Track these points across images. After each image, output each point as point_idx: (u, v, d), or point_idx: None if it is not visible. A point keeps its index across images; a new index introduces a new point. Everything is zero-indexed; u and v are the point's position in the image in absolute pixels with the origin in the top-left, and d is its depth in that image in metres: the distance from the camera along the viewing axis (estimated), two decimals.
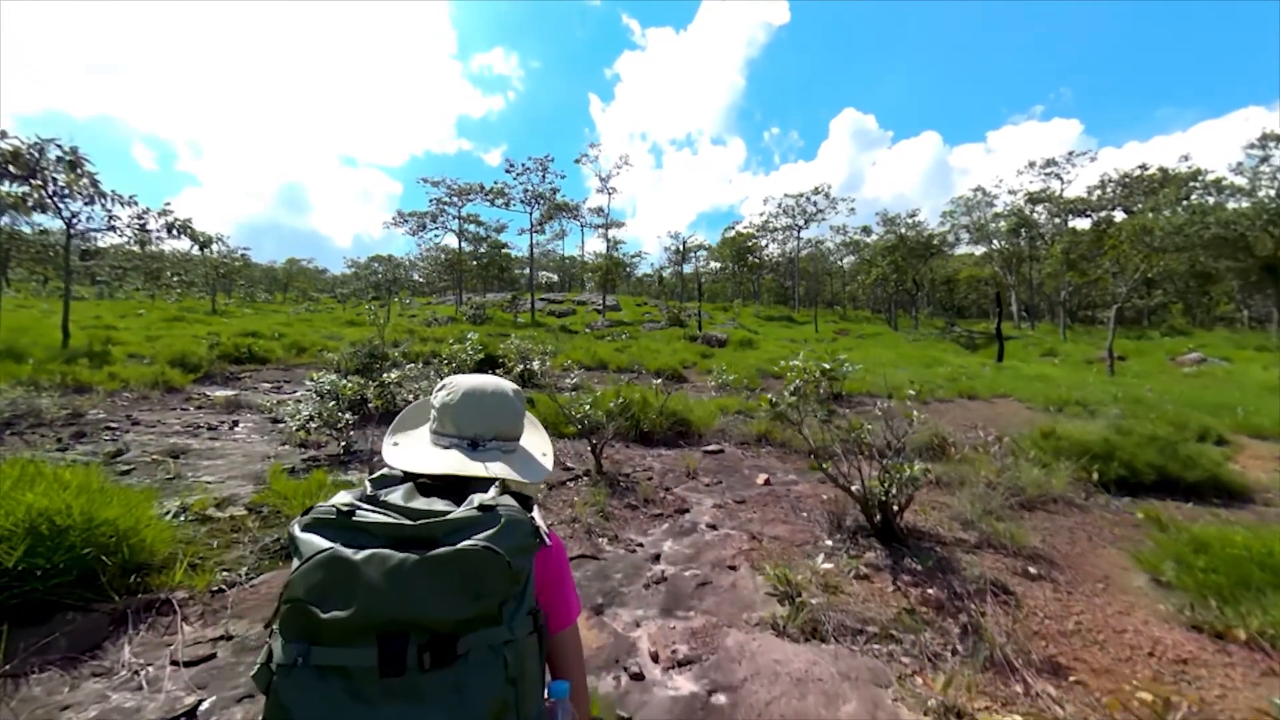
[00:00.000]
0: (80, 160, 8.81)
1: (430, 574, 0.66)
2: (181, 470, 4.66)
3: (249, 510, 3.70)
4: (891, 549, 3.43)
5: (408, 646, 0.64)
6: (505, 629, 0.70)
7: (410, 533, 0.71)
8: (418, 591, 0.65)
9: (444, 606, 0.66)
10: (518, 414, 1.01)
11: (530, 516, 0.78)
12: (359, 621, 0.64)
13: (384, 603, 0.64)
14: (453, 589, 0.67)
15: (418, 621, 0.65)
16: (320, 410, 5.33)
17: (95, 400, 7.27)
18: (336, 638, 0.64)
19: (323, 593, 0.65)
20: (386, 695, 0.63)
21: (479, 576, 0.68)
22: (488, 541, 0.70)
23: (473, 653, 0.67)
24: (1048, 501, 4.61)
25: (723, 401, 8.30)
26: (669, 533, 3.83)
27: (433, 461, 0.91)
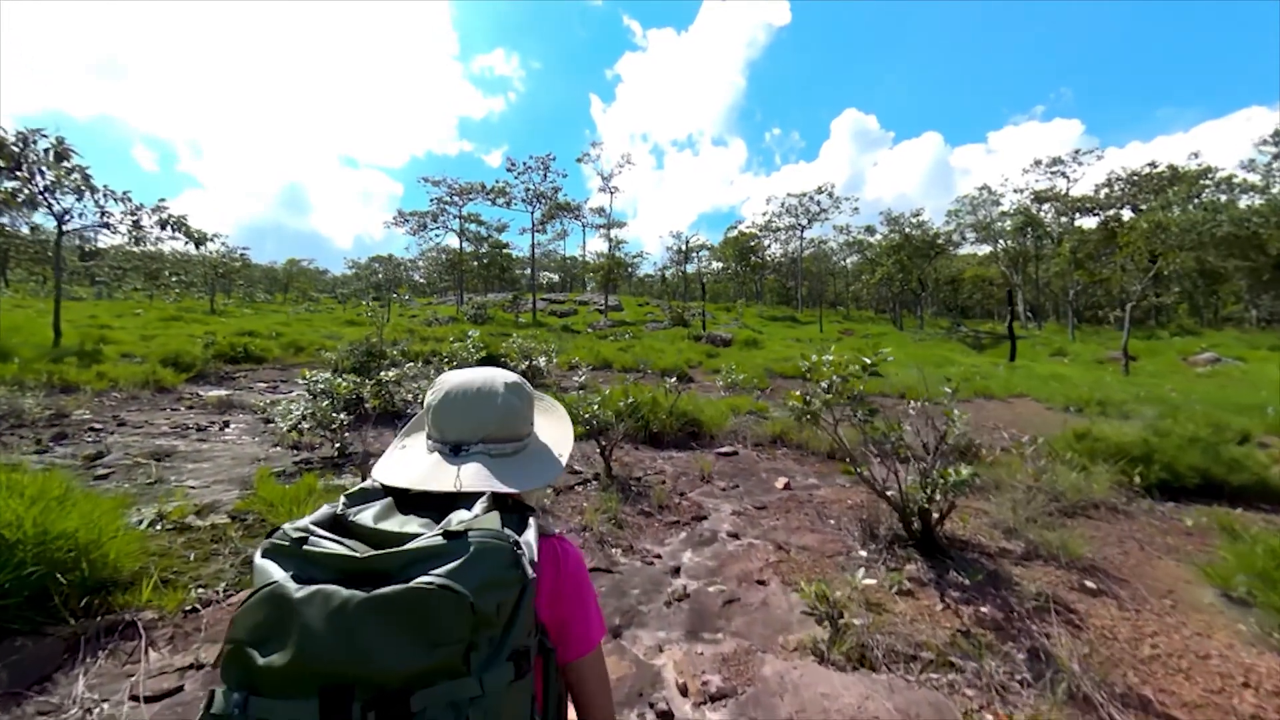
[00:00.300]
0: (67, 151, 8.53)
1: (376, 617, 0.56)
2: (164, 474, 4.37)
3: (231, 518, 3.41)
4: (933, 561, 3.13)
5: (352, 703, 0.54)
6: (472, 682, 0.58)
7: (359, 566, 0.61)
8: (360, 638, 0.55)
9: (392, 657, 0.55)
10: (513, 411, 0.86)
11: (512, 542, 0.65)
12: (296, 671, 0.54)
13: (322, 651, 0.54)
14: (403, 636, 0.56)
15: (360, 674, 0.55)
16: (313, 410, 5.05)
17: (82, 400, 6.99)
18: (275, 689, 0.55)
19: (262, 635, 0.57)
20: None
21: (434, 621, 0.57)
22: (447, 578, 0.58)
23: (429, 711, 0.55)
24: (1088, 507, 4.31)
25: (733, 401, 8.01)
26: (688, 542, 3.53)
27: (398, 473, 0.80)
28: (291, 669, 0.55)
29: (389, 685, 0.55)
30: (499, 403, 0.84)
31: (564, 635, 0.77)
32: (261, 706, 0.54)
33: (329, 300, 47.42)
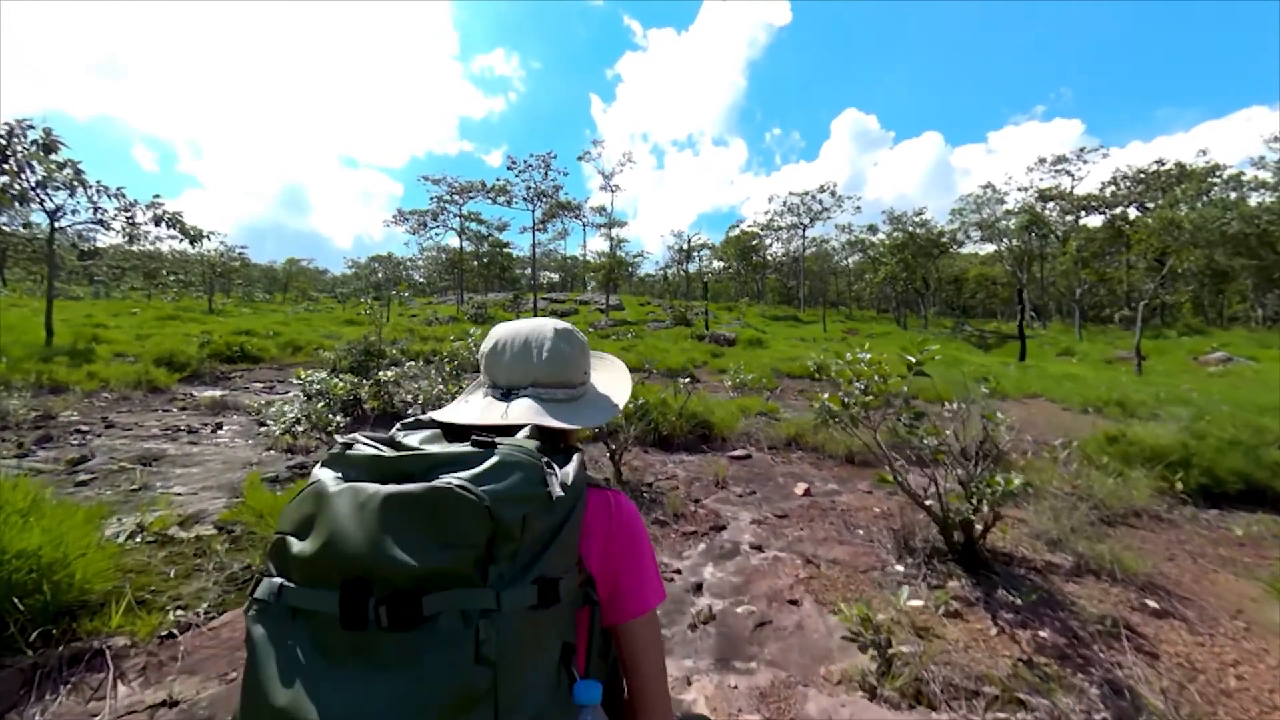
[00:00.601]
0: (55, 143, 8.28)
1: (394, 512, 0.56)
2: (150, 480, 4.13)
3: (218, 529, 3.17)
4: (978, 577, 2.89)
5: (370, 596, 0.54)
6: (488, 594, 0.55)
7: (387, 465, 0.62)
8: (377, 531, 0.55)
9: (403, 553, 0.54)
10: (561, 356, 0.86)
11: (543, 462, 0.64)
12: (321, 561, 0.56)
13: (342, 542, 0.55)
14: (417, 533, 0.55)
15: (375, 568, 0.54)
16: (308, 412, 4.80)
17: (70, 401, 6.75)
18: (304, 577, 0.57)
19: (301, 527, 0.60)
20: (349, 651, 0.54)
21: (448, 521, 0.56)
22: (466, 480, 0.58)
23: (442, 618, 0.54)
24: (1128, 515, 4.07)
25: (743, 402, 7.77)
26: (708, 555, 3.29)
27: (450, 413, 0.82)
28: (317, 559, 0.56)
29: (400, 582, 0.54)
30: (547, 347, 0.84)
31: (616, 593, 0.73)
32: (294, 595, 0.56)
33: (328, 300, 47.18)
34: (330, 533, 0.56)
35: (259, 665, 0.55)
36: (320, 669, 0.54)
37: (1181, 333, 26.15)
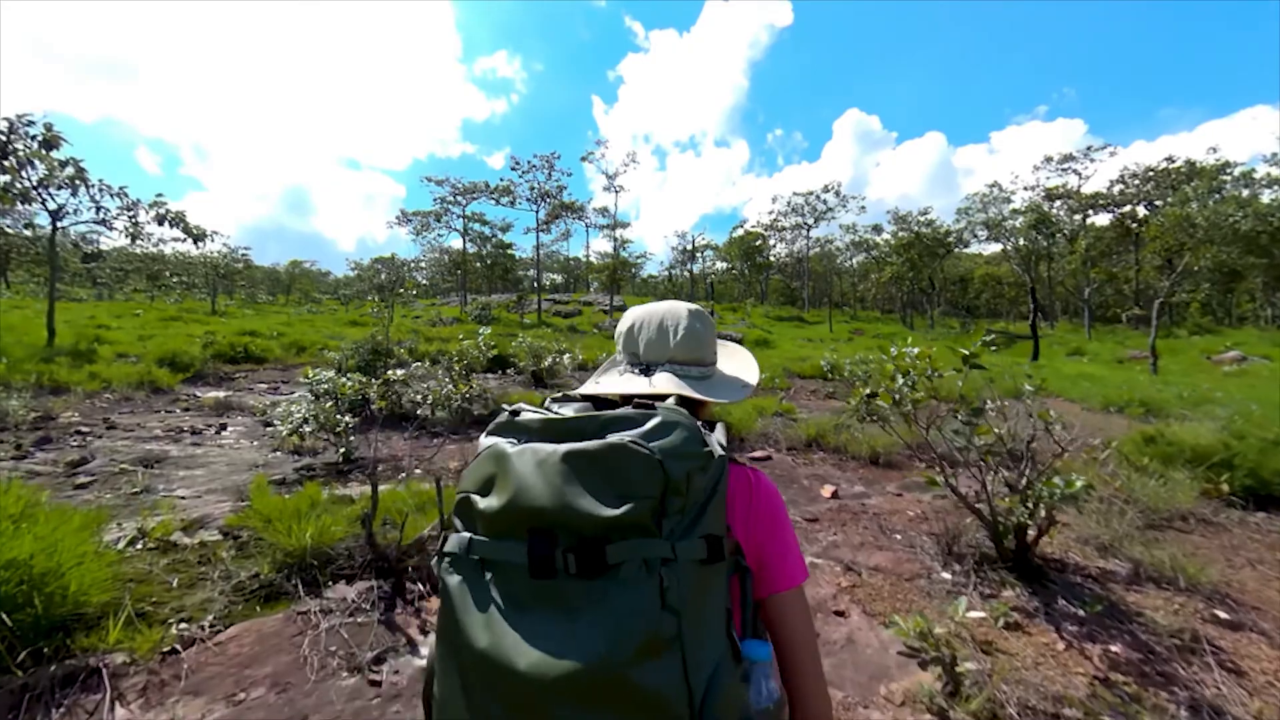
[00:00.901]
0: (57, 139, 8.15)
1: (574, 467, 0.60)
2: (152, 482, 3.97)
3: (223, 535, 3.00)
4: (1033, 585, 2.71)
5: (556, 546, 0.58)
6: (664, 544, 0.57)
7: (561, 427, 0.67)
8: (560, 485, 0.59)
9: (587, 504, 0.58)
10: (695, 335, 0.88)
11: (697, 424, 0.66)
12: (509, 514, 0.61)
13: (527, 496, 0.60)
14: (596, 486, 0.59)
15: (560, 519, 0.58)
16: (316, 412, 4.64)
17: (71, 402, 6.61)
18: (491, 530, 0.62)
19: (484, 485, 0.65)
20: (538, 599, 0.58)
21: (624, 474, 0.59)
22: (636, 438, 0.61)
23: (625, 567, 0.56)
24: (1174, 519, 3.88)
25: (758, 402, 7.59)
26: None
27: (594, 386, 0.88)
28: (504, 513, 0.60)
29: (585, 531, 0.57)
30: (683, 326, 0.87)
31: (762, 565, 0.74)
32: (483, 547, 0.61)
33: (332, 302, 47.13)
34: (515, 488, 0.60)
35: (456, 612, 0.60)
36: (513, 615, 0.57)
37: (1192, 331, 25.87)
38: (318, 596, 2.49)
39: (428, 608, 2.49)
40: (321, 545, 2.68)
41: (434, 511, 3.07)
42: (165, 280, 30.76)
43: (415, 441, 5.60)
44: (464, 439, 5.81)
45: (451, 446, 5.37)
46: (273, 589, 2.51)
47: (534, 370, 9.80)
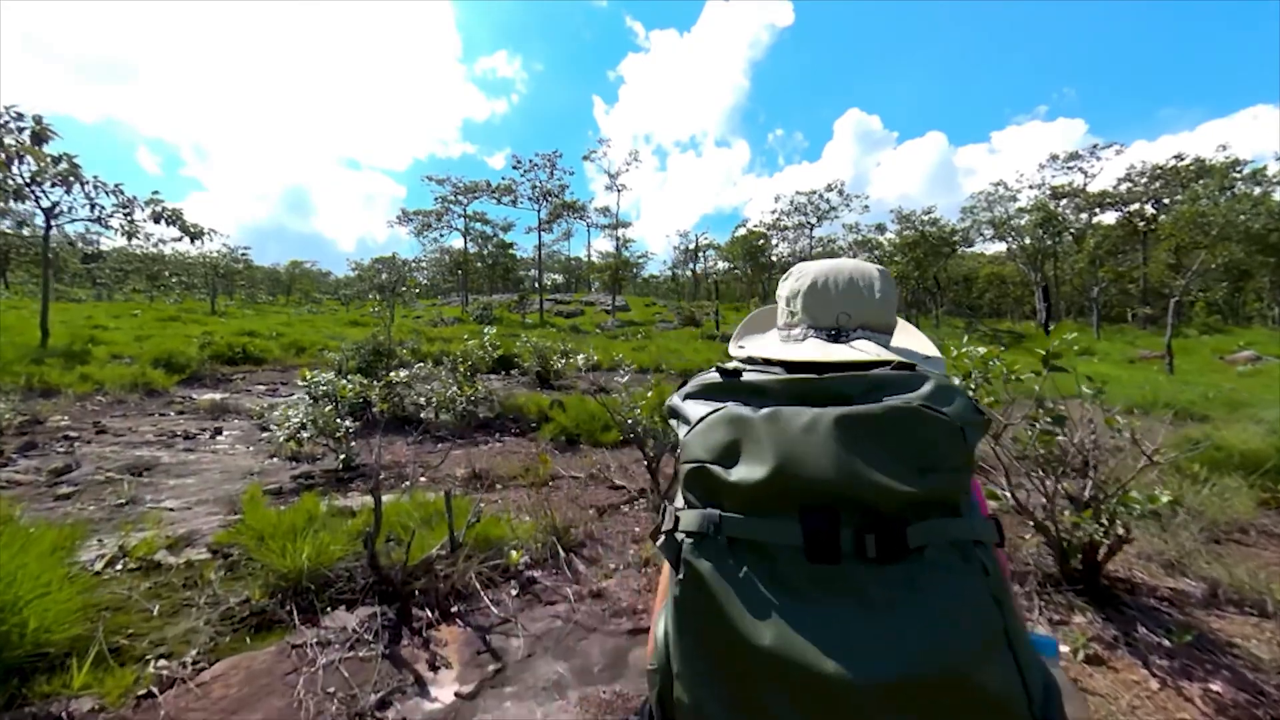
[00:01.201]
0: (46, 131, 7.90)
1: (855, 434, 0.51)
2: (139, 492, 3.72)
3: (212, 553, 2.75)
4: (1106, 610, 2.45)
5: (839, 526, 0.50)
6: (966, 524, 0.50)
7: (813, 388, 0.58)
8: (843, 454, 0.50)
9: (881, 477, 0.49)
10: (887, 298, 0.78)
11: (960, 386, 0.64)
12: (776, 487, 0.52)
13: (802, 465, 0.51)
14: (887, 456, 0.51)
15: (847, 493, 0.50)
16: (315, 416, 4.39)
17: (62, 405, 6.36)
18: (750, 505, 0.53)
19: (727, 453, 0.56)
20: (820, 588, 0.49)
21: (925, 443, 0.51)
22: (927, 400, 0.54)
23: (930, 550, 0.49)
24: (1233, 531, 3.62)
25: None
26: None
27: (781, 350, 0.76)
28: (768, 485, 0.52)
29: (882, 508, 0.50)
30: (877, 286, 0.77)
31: None
32: (738, 525, 0.53)
33: (332, 302, 46.89)
34: (781, 457, 0.52)
35: (716, 601, 0.51)
36: (795, 607, 0.49)
37: (1202, 331, 25.59)
38: (314, 625, 2.24)
39: (436, 638, 2.24)
40: (319, 567, 2.43)
41: (442, 527, 2.82)
42: (164, 280, 30.53)
43: (419, 447, 5.35)
44: (469, 443, 5.56)
45: (458, 452, 5.12)
46: (264, 617, 2.26)
47: (539, 371, 9.55)
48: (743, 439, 0.55)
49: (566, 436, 5.74)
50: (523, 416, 6.42)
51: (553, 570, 2.80)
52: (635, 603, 2.53)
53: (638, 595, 2.61)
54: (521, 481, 4.36)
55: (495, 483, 4.32)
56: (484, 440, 5.75)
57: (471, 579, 2.55)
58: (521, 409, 6.51)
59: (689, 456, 0.58)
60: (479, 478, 4.35)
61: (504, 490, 4.19)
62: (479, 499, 3.71)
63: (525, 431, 6.10)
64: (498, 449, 5.45)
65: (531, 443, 5.76)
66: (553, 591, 2.62)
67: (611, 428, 5.78)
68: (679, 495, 0.61)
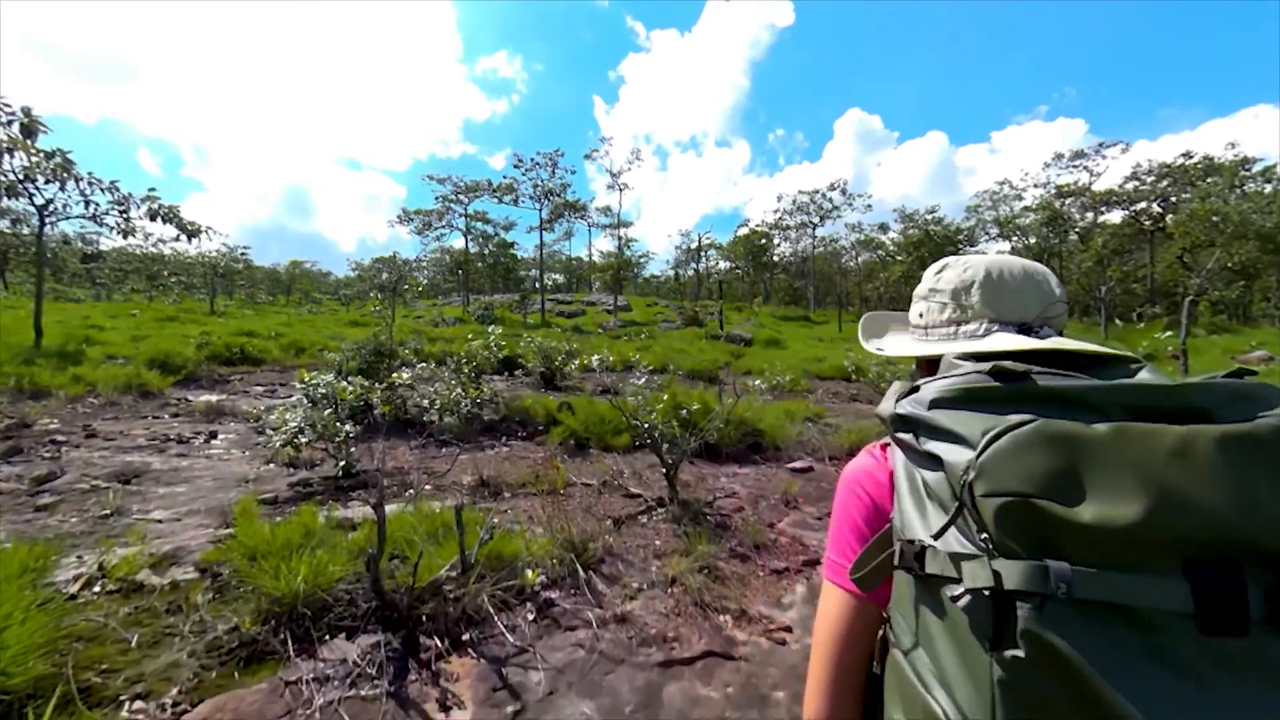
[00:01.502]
0: (35, 124, 7.68)
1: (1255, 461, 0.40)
2: (126, 502, 3.49)
3: (200, 572, 2.53)
4: None
5: (1244, 584, 0.38)
6: None
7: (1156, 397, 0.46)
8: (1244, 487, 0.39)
9: None
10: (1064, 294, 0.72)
11: None
12: (1149, 532, 0.39)
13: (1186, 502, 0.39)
14: None
15: (1254, 541, 0.38)
16: (313, 420, 4.16)
17: (52, 407, 6.14)
18: (1105, 556, 0.41)
19: (1060, 484, 0.42)
20: (1223, 668, 0.38)
21: None
22: None
23: None
24: None
25: (787, 406, 7.11)
26: (813, 601, 2.63)
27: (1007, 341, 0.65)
28: (1143, 530, 0.39)
29: None
30: (1054, 280, 0.72)
31: None
32: (1096, 581, 0.40)
33: (332, 302, 46.68)
34: (1157, 490, 0.40)
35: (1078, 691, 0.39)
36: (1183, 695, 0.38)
37: (1210, 330, 25.33)
38: (311, 657, 2.02)
39: (446, 671, 2.01)
40: (316, 589, 2.20)
41: (450, 543, 2.59)
42: (163, 280, 30.33)
43: (422, 451, 5.13)
44: (475, 448, 5.34)
45: (463, 458, 4.90)
46: (255, 647, 2.03)
47: (543, 372, 9.33)
48: (1082, 465, 0.42)
49: (576, 440, 5.51)
50: (529, 419, 6.19)
51: (571, 590, 2.58)
52: (664, 629, 2.31)
53: (665, 620, 2.38)
54: (531, 489, 4.13)
55: (504, 490, 4.10)
56: (490, 444, 5.52)
57: (484, 602, 2.33)
58: (528, 411, 6.28)
59: (996, 487, 0.44)
60: (486, 485, 4.13)
61: (513, 499, 3.96)
62: (490, 511, 3.49)
63: (533, 435, 5.87)
64: (504, 454, 5.22)
65: (540, 447, 5.53)
66: (572, 615, 2.40)
67: (623, 431, 5.56)
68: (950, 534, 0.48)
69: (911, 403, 0.55)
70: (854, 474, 0.70)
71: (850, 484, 0.69)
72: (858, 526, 0.66)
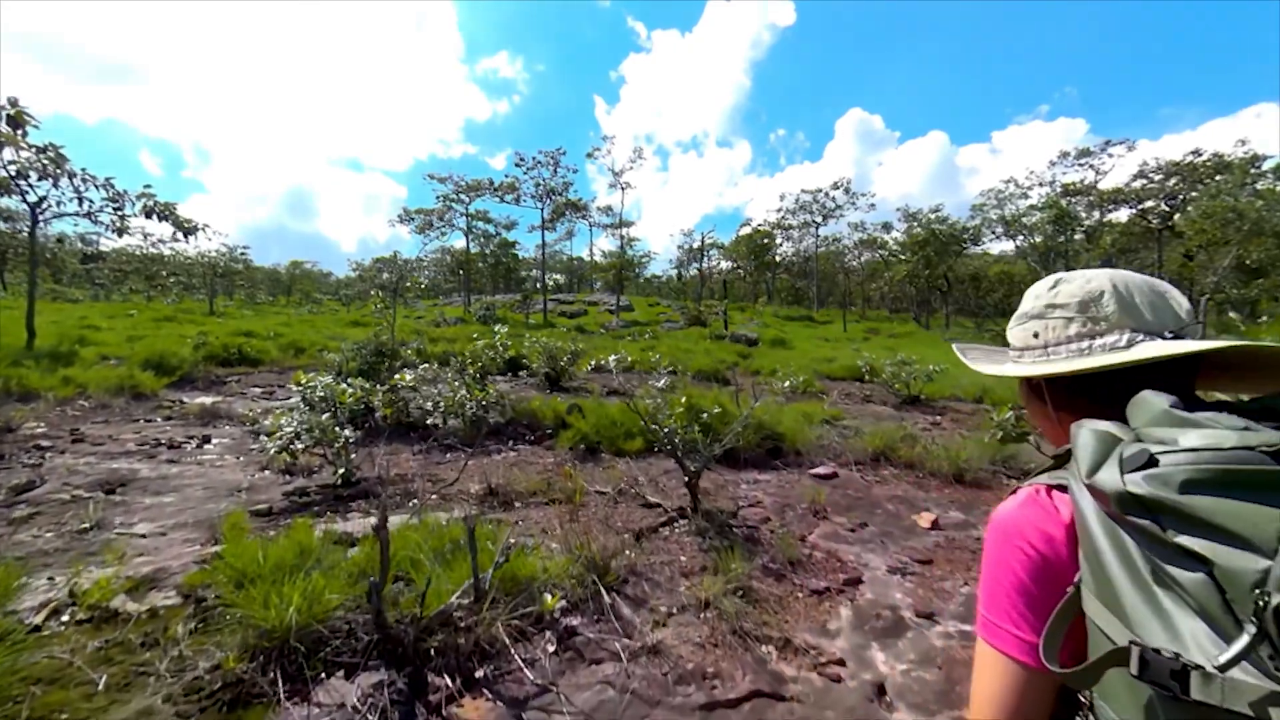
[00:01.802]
0: (23, 115, 7.42)
1: None
2: (108, 514, 3.24)
3: (183, 598, 2.27)
4: None
5: None
6: None
7: None
8: None
9: None
10: None
11: None
12: None
13: None
14: None
15: None
16: (310, 425, 3.91)
17: (40, 410, 5.89)
18: None
19: None
20: None
21: None
22: None
23: None
24: None
25: (803, 408, 6.86)
26: (862, 628, 2.37)
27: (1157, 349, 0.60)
28: None
29: None
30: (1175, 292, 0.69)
31: None
32: None
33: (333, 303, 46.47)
34: None
35: None
36: None
37: (1219, 329, 25.07)
38: (304, 700, 1.76)
39: (458, 716, 1.76)
40: (311, 621, 1.95)
41: (460, 563, 2.34)
42: (162, 281, 30.09)
43: (425, 457, 4.88)
44: (481, 453, 5.08)
45: (469, 463, 4.64)
46: (241, 689, 1.78)
47: (547, 372, 9.08)
48: None
49: (586, 445, 5.26)
50: (537, 422, 5.94)
51: (595, 616, 2.32)
52: (702, 663, 2.05)
53: (702, 651, 2.13)
54: (543, 498, 3.88)
55: (514, 500, 3.84)
56: (496, 449, 5.27)
57: (499, 632, 2.08)
58: (536, 414, 6.03)
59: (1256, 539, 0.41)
60: (495, 494, 3.87)
61: (524, 509, 3.71)
62: (501, 524, 3.24)
63: (541, 439, 5.61)
64: (512, 459, 4.97)
65: (549, 451, 5.28)
66: (597, 646, 2.14)
67: (635, 435, 5.31)
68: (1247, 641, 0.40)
69: (1152, 482, 0.47)
70: (1014, 522, 0.61)
71: (1009, 534, 0.60)
72: (1024, 586, 0.58)
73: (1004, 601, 0.59)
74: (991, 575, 0.61)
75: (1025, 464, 4.87)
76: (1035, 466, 0.88)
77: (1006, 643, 0.57)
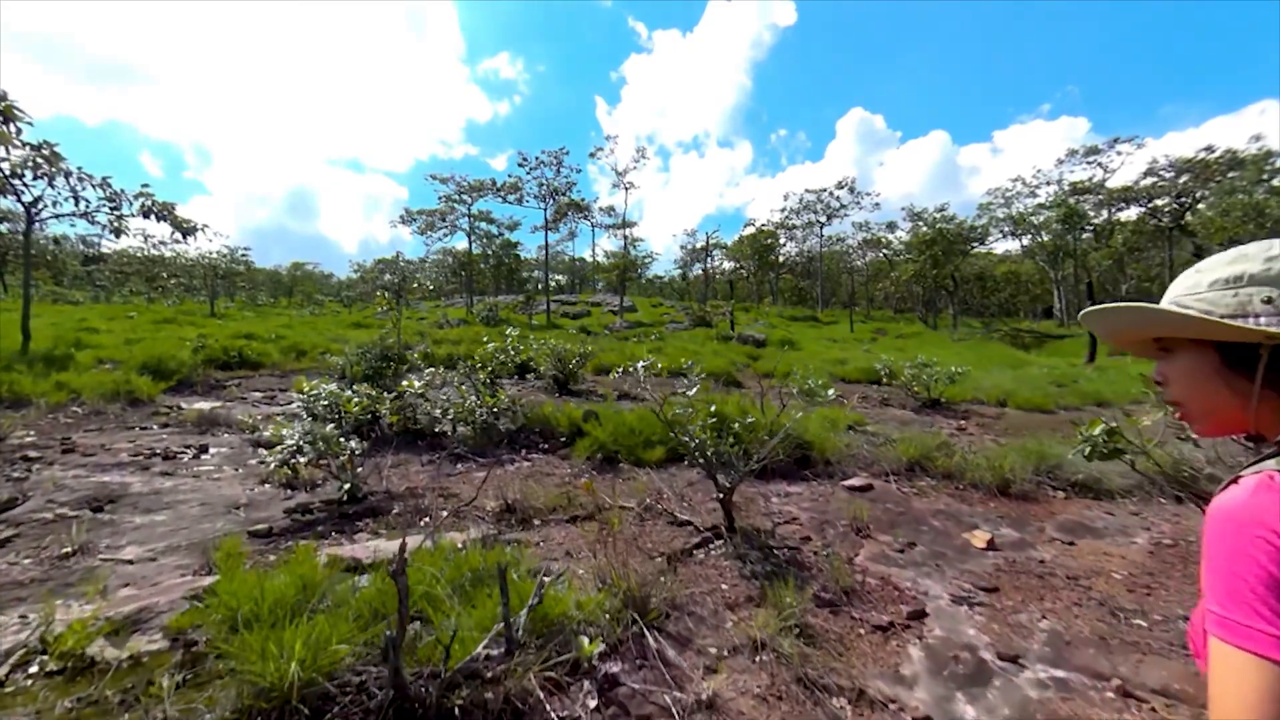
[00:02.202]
0: (12, 110, 7.17)
1: None
2: (94, 536, 2.97)
3: (170, 642, 2.00)
4: None
5: None
6: None
7: None
8: None
9: None
10: None
11: None
12: None
13: None
14: None
15: None
16: (314, 436, 3.64)
17: (31, 417, 5.63)
18: None
19: None
20: None
21: None
22: None
23: None
24: None
25: (826, 413, 6.57)
26: (940, 674, 2.09)
27: None
28: None
29: None
30: None
31: None
32: None
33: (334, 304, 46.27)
34: None
35: None
36: None
37: None
38: None
39: None
40: (316, 674, 1.68)
41: (483, 599, 2.06)
42: (163, 282, 29.90)
43: (435, 469, 4.60)
44: (493, 462, 4.81)
45: (481, 474, 4.37)
46: None
47: (555, 375, 8.81)
48: None
49: (604, 454, 4.99)
50: (550, 429, 5.67)
51: (637, 661, 2.05)
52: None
53: (765, 707, 1.85)
54: (563, 514, 3.61)
55: (531, 516, 3.57)
56: (509, 458, 5.00)
57: (531, 683, 1.80)
58: (549, 420, 5.75)
59: None
60: (512, 511, 3.60)
61: (543, 527, 3.43)
62: (525, 547, 2.96)
63: (555, 447, 5.34)
64: (526, 470, 4.70)
65: (564, 460, 5.01)
66: (643, 699, 1.87)
67: (656, 444, 5.04)
68: None
69: None
70: (1250, 511, 0.56)
71: (1246, 524, 0.56)
72: (1273, 579, 0.53)
73: (1250, 597, 0.54)
74: (1229, 570, 0.56)
75: (1071, 475, 4.59)
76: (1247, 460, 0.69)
77: (1259, 643, 0.52)
